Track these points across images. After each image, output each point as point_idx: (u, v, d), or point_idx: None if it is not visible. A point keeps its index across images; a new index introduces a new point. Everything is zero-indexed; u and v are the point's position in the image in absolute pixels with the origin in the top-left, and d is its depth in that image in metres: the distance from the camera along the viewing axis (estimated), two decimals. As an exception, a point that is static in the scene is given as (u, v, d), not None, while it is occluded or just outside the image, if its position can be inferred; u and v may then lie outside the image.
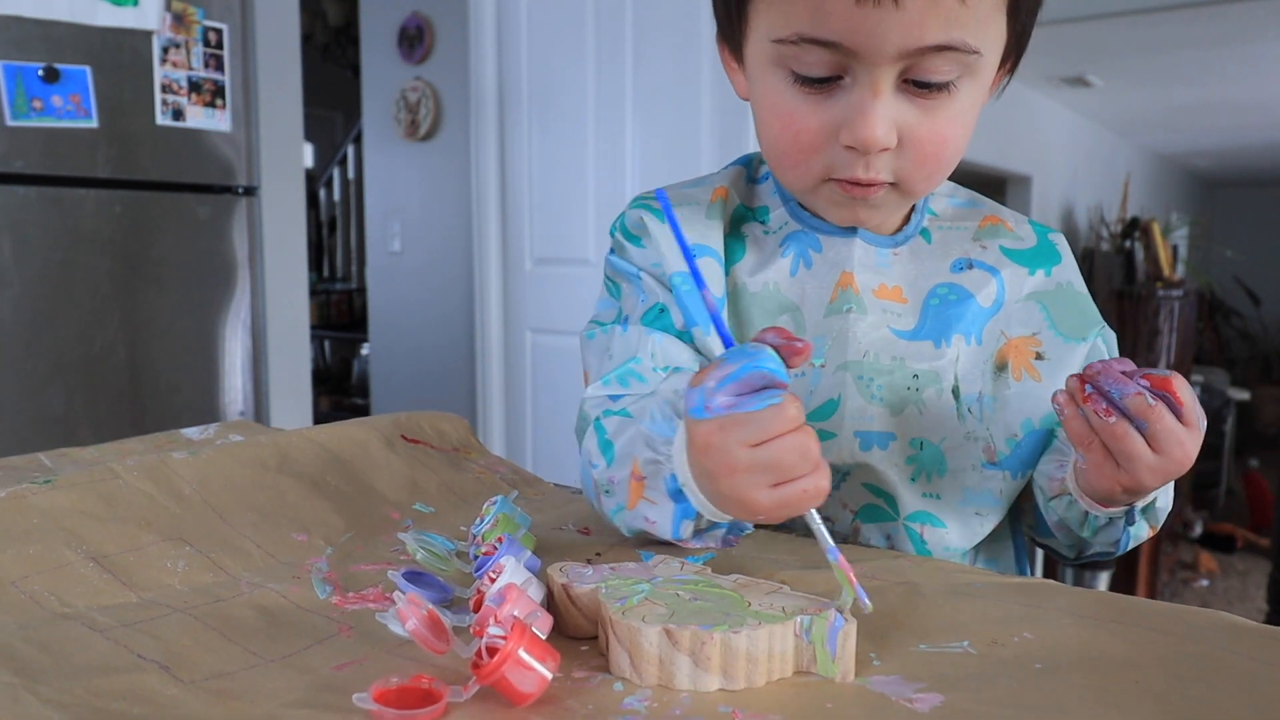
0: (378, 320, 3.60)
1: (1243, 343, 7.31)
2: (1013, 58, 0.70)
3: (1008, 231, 0.78)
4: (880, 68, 0.61)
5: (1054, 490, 0.70)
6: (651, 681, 0.47)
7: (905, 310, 0.74)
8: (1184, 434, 0.59)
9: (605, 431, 0.65)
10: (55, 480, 0.62)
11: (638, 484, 0.60)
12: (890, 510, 0.73)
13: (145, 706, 0.44)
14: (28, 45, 1.78)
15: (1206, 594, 4.18)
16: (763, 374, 0.50)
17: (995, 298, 0.75)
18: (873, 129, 0.62)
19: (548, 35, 2.94)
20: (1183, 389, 0.59)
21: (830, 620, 0.47)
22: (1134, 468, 0.59)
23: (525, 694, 0.43)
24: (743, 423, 0.50)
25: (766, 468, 0.50)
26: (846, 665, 0.47)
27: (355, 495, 0.74)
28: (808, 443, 0.50)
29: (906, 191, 0.68)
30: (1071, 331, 0.75)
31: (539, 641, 0.44)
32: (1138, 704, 0.44)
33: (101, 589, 0.56)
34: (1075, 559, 0.77)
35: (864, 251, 0.75)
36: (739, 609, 0.49)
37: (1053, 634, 0.52)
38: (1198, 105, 4.06)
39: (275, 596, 0.58)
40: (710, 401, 0.50)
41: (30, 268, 1.82)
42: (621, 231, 0.78)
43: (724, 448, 0.51)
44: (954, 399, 0.73)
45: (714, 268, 0.74)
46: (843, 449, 0.72)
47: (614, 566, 0.56)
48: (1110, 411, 0.59)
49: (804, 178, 0.69)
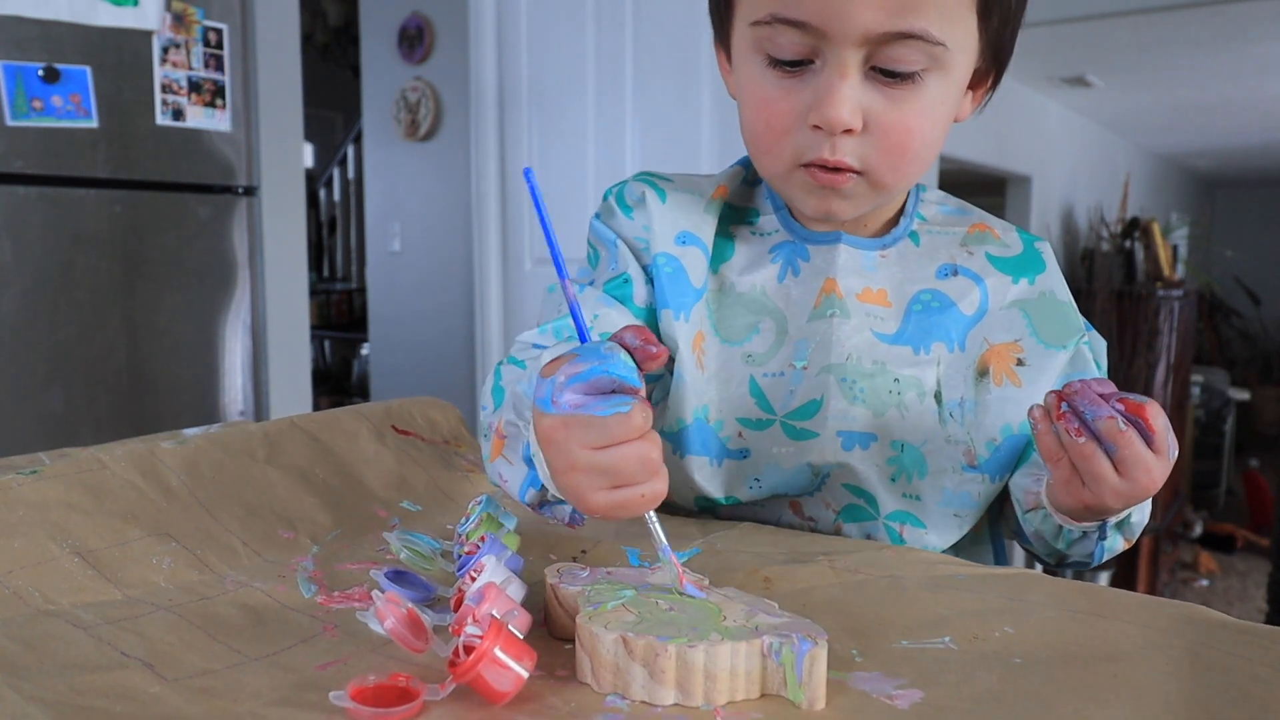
0: (378, 320, 3.61)
1: (1243, 343, 7.30)
2: (993, 69, 0.73)
3: (995, 239, 0.80)
4: (847, 50, 0.64)
5: (1029, 504, 0.71)
6: (608, 689, 0.46)
7: (889, 314, 0.76)
8: (1152, 461, 0.59)
9: (501, 378, 0.66)
10: (41, 471, 0.62)
11: (499, 440, 0.60)
12: (871, 510, 0.75)
13: (128, 704, 0.44)
14: (28, 45, 1.78)
15: (1206, 594, 4.18)
16: (611, 379, 0.49)
17: (978, 305, 0.77)
18: (838, 108, 0.65)
19: (548, 35, 2.94)
20: (1156, 417, 0.59)
21: (795, 643, 0.45)
22: (1099, 489, 0.60)
23: (501, 693, 0.44)
24: (586, 425, 0.48)
25: (605, 471, 0.49)
26: (814, 692, 0.44)
27: (343, 490, 0.74)
28: (649, 451, 0.49)
29: (875, 183, 0.70)
30: (1053, 339, 0.76)
31: (515, 640, 0.44)
32: (1116, 698, 0.45)
33: (86, 585, 0.56)
34: (1055, 565, 0.78)
35: (849, 256, 0.76)
36: (709, 623, 0.48)
37: (1033, 627, 0.53)
38: (1198, 105, 4.05)
39: (260, 595, 0.58)
40: (558, 396, 0.49)
41: (30, 268, 1.82)
42: (616, 198, 0.79)
43: (564, 446, 0.49)
44: (936, 403, 0.74)
45: (699, 259, 0.76)
46: (825, 449, 0.73)
47: (610, 570, 0.55)
48: (1081, 431, 0.59)
49: (777, 162, 0.71)
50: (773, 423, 0.74)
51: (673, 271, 0.75)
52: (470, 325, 3.22)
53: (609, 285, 0.76)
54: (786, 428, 0.74)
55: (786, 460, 0.74)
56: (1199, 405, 5.01)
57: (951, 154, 3.08)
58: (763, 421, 0.75)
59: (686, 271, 0.75)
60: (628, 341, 0.51)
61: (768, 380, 0.75)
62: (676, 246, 0.76)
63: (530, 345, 0.71)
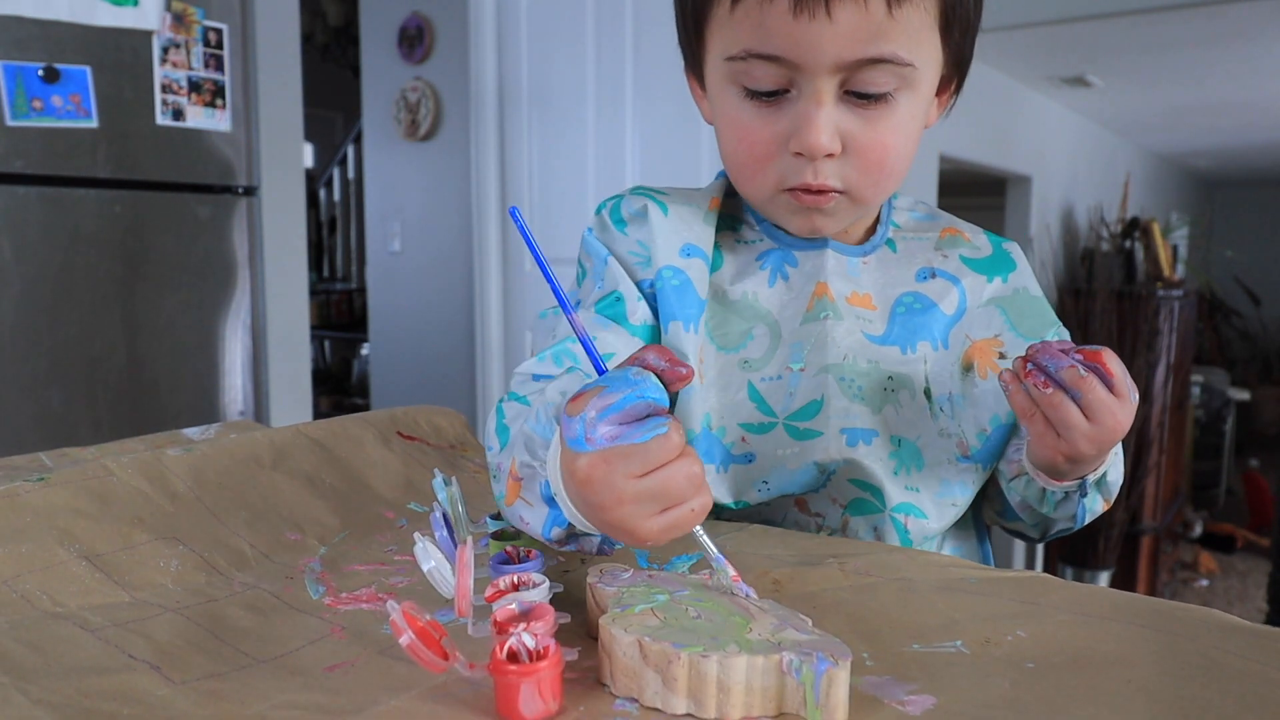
0: (378, 320, 3.60)
1: (1243, 343, 7.30)
2: (955, 78, 0.76)
3: (966, 242, 0.84)
4: (821, 78, 0.67)
5: (1013, 472, 0.75)
6: (624, 691, 0.45)
7: (875, 316, 0.78)
8: (1115, 404, 0.63)
9: (504, 415, 0.66)
10: (49, 477, 0.62)
11: (515, 484, 0.59)
12: (877, 502, 0.76)
13: (136, 707, 0.44)
14: (28, 45, 1.78)
15: (1206, 594, 4.18)
16: (646, 403, 0.48)
17: (958, 305, 0.80)
18: (818, 135, 0.68)
19: (548, 35, 2.94)
20: (1112, 361, 0.64)
21: (814, 662, 0.43)
22: (1071, 436, 0.64)
23: (522, 715, 0.43)
24: (628, 455, 0.47)
25: (655, 496, 0.48)
26: (832, 714, 0.43)
27: (350, 494, 0.74)
28: (692, 467, 0.49)
29: (858, 199, 0.73)
30: (1030, 332, 0.80)
31: (560, 678, 0.44)
32: (1129, 703, 0.44)
33: (93, 588, 0.56)
34: (1041, 538, 0.82)
35: (836, 261, 0.79)
36: (730, 634, 0.46)
37: (1046, 632, 0.52)
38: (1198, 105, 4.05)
39: (268, 597, 0.58)
40: (591, 433, 0.48)
41: (30, 268, 1.82)
42: (610, 212, 0.79)
43: (608, 481, 0.48)
44: (926, 399, 0.77)
45: (703, 270, 0.77)
46: (830, 446, 0.75)
47: (653, 574, 0.55)
48: (1048, 384, 0.64)
49: (760, 188, 0.73)
50: (775, 425, 0.75)
51: (680, 285, 0.75)
52: (470, 325, 3.22)
53: (600, 305, 0.76)
54: (789, 429, 0.75)
55: (792, 461, 0.75)
56: (1199, 405, 5.01)
57: (951, 154, 3.08)
58: (765, 425, 0.76)
59: (693, 284, 0.76)
60: (653, 363, 0.51)
61: (766, 384, 0.76)
62: (681, 259, 0.76)
63: (531, 377, 0.70)
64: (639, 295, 0.75)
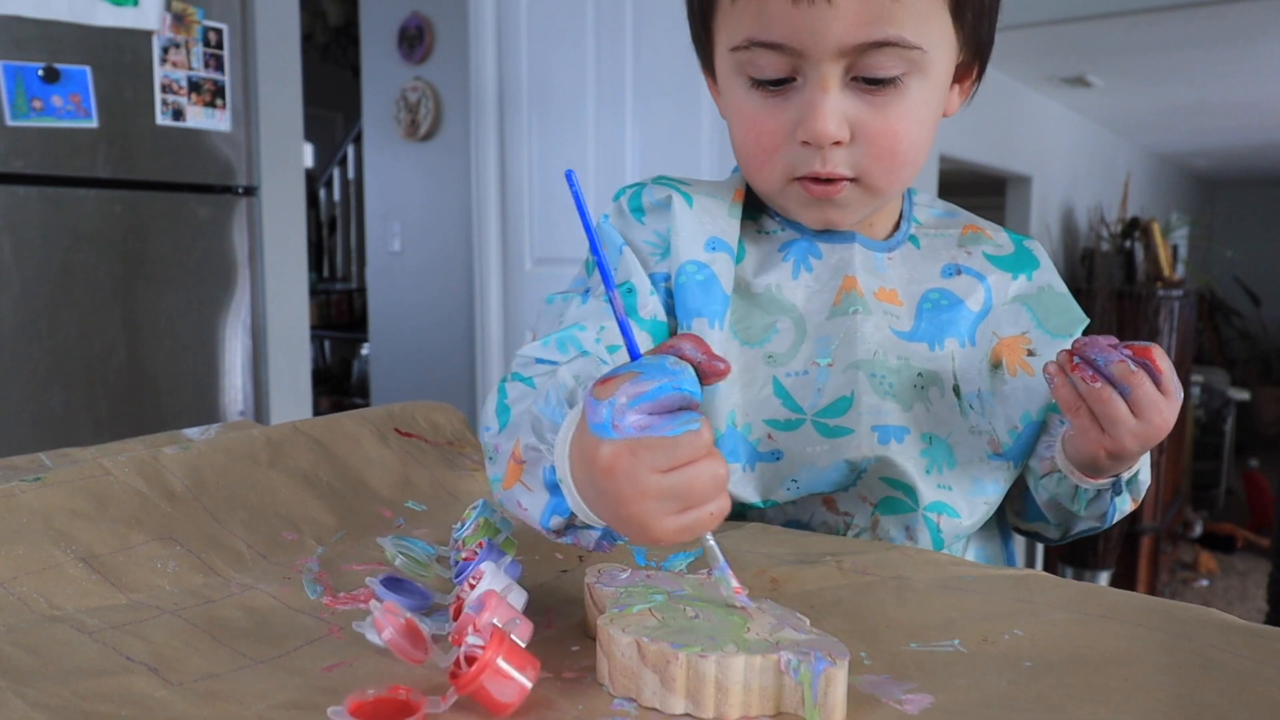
0: (378, 320, 3.60)
1: (1243, 343, 7.30)
2: (976, 63, 0.74)
3: (988, 239, 0.83)
4: (825, 64, 0.66)
5: (1045, 469, 0.74)
6: (622, 692, 0.45)
7: (902, 313, 0.77)
8: (1162, 401, 0.63)
9: (506, 396, 0.64)
10: (45, 478, 0.62)
11: (516, 466, 0.56)
12: (910, 501, 0.74)
13: (133, 709, 0.44)
14: (28, 45, 1.78)
15: (1206, 594, 4.18)
16: (682, 395, 0.46)
17: (984, 302, 0.79)
18: (824, 123, 0.67)
19: (547, 35, 2.94)
20: (1161, 359, 0.63)
21: (812, 661, 0.43)
22: (1117, 431, 0.64)
23: (505, 704, 0.43)
24: (656, 447, 0.45)
25: (677, 495, 0.46)
26: (830, 714, 0.43)
27: (347, 492, 0.74)
28: (719, 468, 0.46)
29: (870, 188, 0.71)
30: (1059, 329, 0.78)
31: (518, 650, 0.44)
32: (1127, 702, 0.44)
33: (90, 590, 0.55)
34: (1061, 538, 0.81)
35: (863, 255, 0.77)
36: (728, 634, 0.46)
37: (1043, 630, 0.52)
38: (1198, 105, 4.05)
39: (265, 597, 0.57)
40: (620, 420, 0.45)
41: (30, 268, 1.82)
42: (630, 200, 0.77)
43: (633, 472, 0.45)
44: (955, 397, 0.76)
45: (728, 265, 0.75)
46: (861, 444, 0.73)
47: (651, 574, 0.54)
48: (1096, 378, 0.64)
49: (770, 179, 0.73)
50: (803, 422, 0.73)
51: (705, 279, 0.73)
52: (470, 325, 3.22)
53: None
54: (819, 426, 0.73)
55: (822, 459, 0.73)
56: (1199, 405, 5.01)
57: (951, 154, 3.07)
58: (792, 421, 0.73)
59: (719, 279, 0.73)
60: (689, 354, 0.49)
61: (792, 380, 0.74)
62: (706, 253, 0.74)
63: (534, 360, 0.68)
64: (651, 289, 0.73)
